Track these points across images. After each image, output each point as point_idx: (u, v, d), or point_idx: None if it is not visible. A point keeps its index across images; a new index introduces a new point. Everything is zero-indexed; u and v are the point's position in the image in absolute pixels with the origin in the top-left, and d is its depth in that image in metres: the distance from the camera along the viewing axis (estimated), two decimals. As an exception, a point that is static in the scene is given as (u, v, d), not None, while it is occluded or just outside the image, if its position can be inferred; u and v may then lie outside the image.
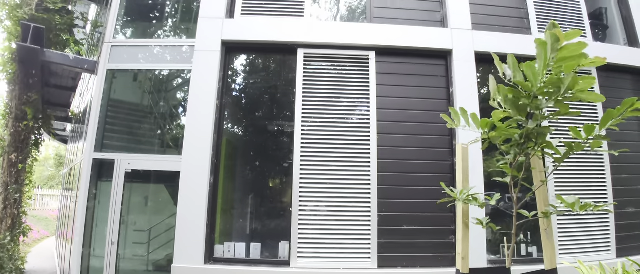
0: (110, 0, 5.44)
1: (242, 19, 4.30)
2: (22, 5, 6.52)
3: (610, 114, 1.70)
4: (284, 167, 4.18)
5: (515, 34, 4.62)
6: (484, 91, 4.68)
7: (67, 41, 7.35)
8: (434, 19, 4.53)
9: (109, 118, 4.93)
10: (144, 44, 5.01)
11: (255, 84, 4.50)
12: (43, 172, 20.70)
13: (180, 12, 5.69)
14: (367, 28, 4.30)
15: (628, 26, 5.30)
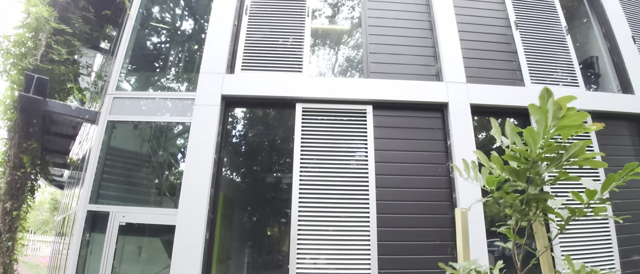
0: (117, 51, 5.61)
1: (242, 74, 4.41)
2: (27, 55, 6.69)
3: (611, 179, 1.69)
4: (281, 221, 4.10)
5: (509, 86, 4.73)
6: (481, 135, 4.73)
7: (71, 89, 7.49)
8: (429, 73, 4.65)
9: (107, 168, 4.90)
10: (145, 96, 5.10)
11: (254, 137, 4.53)
12: (37, 216, 20.30)
13: (184, 62, 5.85)
14: (364, 83, 4.40)
15: (620, 73, 5.41)
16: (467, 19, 4.99)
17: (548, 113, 1.67)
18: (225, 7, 4.71)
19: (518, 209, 1.98)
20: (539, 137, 1.70)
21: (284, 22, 4.73)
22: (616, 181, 1.70)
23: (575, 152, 1.66)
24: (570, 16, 6.06)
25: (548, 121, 1.68)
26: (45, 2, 6.02)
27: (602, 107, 4.84)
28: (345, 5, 5.41)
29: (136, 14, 5.63)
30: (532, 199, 1.91)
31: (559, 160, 1.71)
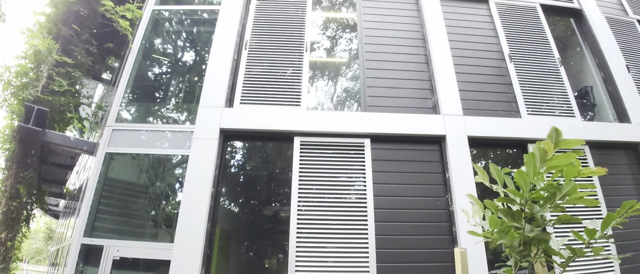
0: (118, 83, 5.68)
1: (241, 108, 4.44)
2: (28, 86, 6.76)
3: (610, 218, 1.68)
4: (279, 255, 4.02)
5: (506, 118, 4.76)
6: (481, 162, 4.71)
7: (71, 118, 7.52)
8: (426, 105, 4.69)
9: (103, 199, 4.87)
10: (144, 128, 5.12)
11: (251, 171, 4.51)
12: (31, 245, 19.93)
13: (184, 92, 5.92)
14: (362, 116, 4.44)
15: (616, 102, 5.44)
16: (461, 52, 5.09)
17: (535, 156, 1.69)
18: (225, 42, 4.82)
19: (516, 250, 1.95)
20: (528, 179, 1.71)
21: (282, 57, 4.82)
22: (615, 219, 1.69)
23: (568, 191, 1.66)
24: (563, 46, 6.19)
25: (536, 163, 1.69)
26: (49, 35, 6.14)
27: (599, 136, 4.85)
28: (343, 37, 5.53)
29: (138, 46, 5.74)
30: (532, 240, 1.89)
31: (552, 199, 1.70)
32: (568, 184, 1.66)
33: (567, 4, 6.14)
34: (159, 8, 5.96)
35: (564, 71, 5.28)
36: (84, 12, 6.18)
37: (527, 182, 1.72)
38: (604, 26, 5.97)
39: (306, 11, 5.26)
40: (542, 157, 1.69)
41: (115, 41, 6.50)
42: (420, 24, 5.32)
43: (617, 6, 6.56)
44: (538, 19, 5.67)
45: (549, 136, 1.68)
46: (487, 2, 5.73)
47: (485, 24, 5.50)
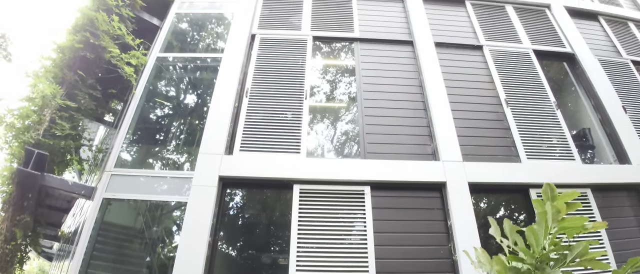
0: (119, 126, 5.73)
1: (241, 155, 4.45)
2: (30, 129, 6.80)
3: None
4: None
5: (506, 163, 4.75)
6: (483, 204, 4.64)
7: (71, 160, 7.51)
8: (425, 152, 4.71)
9: (98, 244, 4.77)
10: (143, 174, 5.11)
11: (250, 218, 4.45)
12: (22, 286, 19.23)
13: (185, 134, 5.95)
14: (361, 164, 4.43)
15: (614, 143, 5.41)
16: (459, 98, 5.17)
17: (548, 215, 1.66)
18: (226, 90, 4.91)
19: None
20: (541, 238, 1.67)
21: (283, 104, 4.90)
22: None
23: (580, 252, 1.62)
24: (557, 87, 6.30)
25: (549, 223, 1.66)
26: (54, 80, 6.25)
27: (599, 179, 4.81)
28: (342, 81, 5.65)
29: (141, 92, 5.84)
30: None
31: (564, 261, 1.66)
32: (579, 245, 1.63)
33: (560, 49, 6.31)
34: (164, 55, 6.13)
35: (561, 114, 5.32)
36: (90, 57, 6.33)
37: (538, 242, 1.68)
38: (597, 68, 6.08)
39: (306, 59, 5.42)
40: (554, 217, 1.67)
41: (119, 86, 6.62)
42: (418, 71, 5.45)
43: (610, 48, 6.72)
44: (532, 64, 5.81)
45: (543, 191, 1.67)
46: (481, 49, 5.91)
47: (480, 70, 5.63)
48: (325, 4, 6.40)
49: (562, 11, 6.86)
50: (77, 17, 6.06)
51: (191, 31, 6.95)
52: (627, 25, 7.26)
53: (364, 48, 5.72)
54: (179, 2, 6.73)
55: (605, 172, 5.01)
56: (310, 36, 5.73)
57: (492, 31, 6.27)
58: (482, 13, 6.58)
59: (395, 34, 5.99)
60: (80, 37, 5.90)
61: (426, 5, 6.41)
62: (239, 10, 6.04)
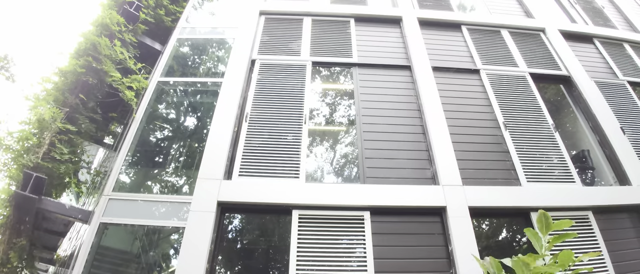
0: (119, 149, 5.73)
1: (239, 180, 4.44)
2: (29, 152, 6.79)
3: None
4: None
5: (506, 187, 4.73)
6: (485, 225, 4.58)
7: (69, 183, 7.48)
8: (425, 176, 4.69)
9: (93, 269, 4.69)
10: (141, 198, 5.08)
11: (248, 244, 4.40)
12: (15, 311, 18.82)
13: (185, 157, 5.95)
14: (361, 189, 4.42)
15: (614, 165, 5.39)
16: (457, 122, 5.20)
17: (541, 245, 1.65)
18: (226, 115, 4.94)
19: None
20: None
21: (282, 129, 4.92)
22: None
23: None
24: (555, 108, 6.32)
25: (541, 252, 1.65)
26: (54, 103, 6.28)
27: (600, 201, 4.78)
28: (341, 104, 5.68)
29: (141, 116, 5.87)
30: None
31: None
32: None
33: (556, 72, 6.38)
34: (165, 79, 6.19)
35: (559, 136, 5.33)
36: (92, 81, 6.40)
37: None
38: (594, 90, 6.12)
39: (305, 83, 5.47)
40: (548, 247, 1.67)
41: (119, 109, 6.66)
42: (416, 95, 5.50)
43: (606, 69, 6.79)
44: (528, 87, 5.87)
45: (538, 220, 1.67)
46: (478, 73, 5.98)
47: (478, 93, 5.68)
48: (324, 30, 6.52)
49: (557, 35, 6.98)
50: (80, 42, 6.15)
51: (192, 55, 7.05)
52: (622, 46, 7.35)
53: (363, 73, 5.79)
54: (181, 28, 6.87)
55: (605, 194, 4.98)
56: (310, 61, 5.81)
57: (488, 55, 6.36)
58: (478, 37, 6.70)
59: (393, 59, 6.07)
60: (82, 61, 5.98)
61: (423, 31, 6.53)
62: (240, 36, 6.15)
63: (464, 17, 7.14)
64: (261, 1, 6.88)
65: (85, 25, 6.43)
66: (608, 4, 8.80)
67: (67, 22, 29.12)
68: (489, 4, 7.73)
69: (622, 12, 8.60)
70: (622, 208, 4.91)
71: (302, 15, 6.68)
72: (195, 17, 7.52)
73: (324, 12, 6.79)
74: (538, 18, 7.34)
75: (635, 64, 6.98)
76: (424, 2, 7.39)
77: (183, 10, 7.32)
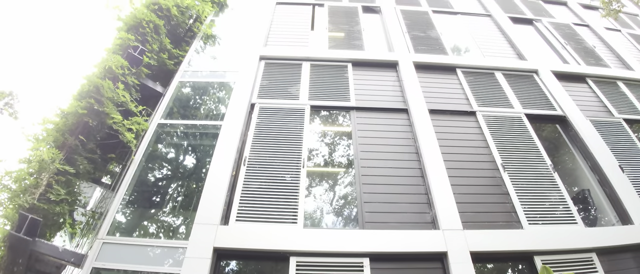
0: (116, 190, 5.69)
1: (236, 225, 4.38)
2: (26, 192, 6.73)
3: None
4: None
5: (507, 230, 4.65)
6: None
7: (63, 223, 7.36)
8: (424, 220, 4.64)
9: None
10: (136, 243, 5.00)
11: (245, 293, 4.26)
12: None
13: (182, 197, 5.89)
14: (360, 234, 4.34)
15: (616, 204, 5.33)
16: (455, 164, 5.20)
17: None
18: (224, 159, 4.96)
19: None
20: None
21: (279, 173, 4.91)
22: None
23: None
24: (553, 147, 6.34)
25: None
26: (54, 144, 6.31)
27: (604, 242, 4.70)
28: (338, 150, 5.70)
29: (140, 158, 5.88)
30: None
31: None
32: None
33: (551, 112, 6.47)
34: (165, 122, 6.26)
35: (558, 176, 5.31)
36: (93, 123, 6.46)
37: None
38: (590, 130, 6.17)
39: (304, 127, 5.52)
40: None
41: (118, 150, 6.68)
42: (413, 138, 5.54)
43: (601, 108, 6.87)
44: (525, 128, 5.93)
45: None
46: (474, 115, 6.07)
47: (475, 135, 5.73)
48: (322, 74, 6.67)
49: (550, 76, 7.14)
50: (84, 84, 6.26)
51: (194, 95, 7.17)
52: (616, 84, 7.48)
53: (360, 116, 5.87)
54: (182, 71, 7.04)
55: (608, 234, 4.89)
56: (308, 105, 5.90)
57: (484, 97, 6.48)
58: (473, 80, 6.85)
59: (390, 102, 6.17)
60: (84, 103, 6.06)
61: (419, 74, 6.69)
62: (240, 80, 6.28)
63: (458, 60, 7.33)
64: (261, 46, 7.11)
65: (89, 67, 6.59)
66: (599, 43, 9.05)
67: (73, 63, 29.95)
68: (482, 47, 7.97)
69: (613, 50, 8.79)
70: (625, 248, 4.82)
71: (301, 60, 6.86)
72: (197, 60, 7.73)
73: (322, 57, 6.99)
74: (530, 60, 7.54)
75: (630, 101, 7.07)
76: (419, 46, 7.63)
77: (185, 54, 7.53)
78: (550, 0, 10.85)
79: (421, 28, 8.31)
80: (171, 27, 7.84)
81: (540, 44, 8.75)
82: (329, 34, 7.78)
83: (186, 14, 8.21)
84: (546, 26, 9.28)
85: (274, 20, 8.22)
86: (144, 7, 7.22)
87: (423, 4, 9.42)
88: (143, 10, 7.08)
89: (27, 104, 28.08)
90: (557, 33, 8.98)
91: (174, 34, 8.02)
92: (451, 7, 9.56)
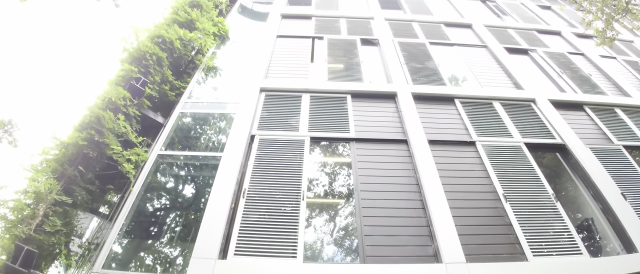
0: (114, 220, 5.62)
1: (235, 259, 4.28)
2: (23, 223, 6.64)
3: None
4: None
5: (512, 262, 4.54)
6: None
7: (59, 253, 7.21)
8: (426, 253, 4.54)
9: None
10: (132, 277, 4.88)
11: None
12: None
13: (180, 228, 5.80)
14: (360, 270, 4.24)
15: (620, 233, 5.22)
16: (456, 195, 5.15)
17: None
18: (223, 191, 4.92)
19: None
20: None
21: (279, 206, 4.86)
22: None
23: None
24: (555, 174, 6.28)
25: None
26: (52, 174, 6.28)
27: (610, 273, 4.58)
28: (338, 181, 5.67)
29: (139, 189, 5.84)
30: None
31: None
32: None
33: (550, 141, 6.48)
34: (165, 153, 6.27)
35: (561, 206, 5.24)
36: (93, 155, 6.46)
37: None
38: (590, 157, 6.15)
39: (303, 159, 5.50)
40: None
41: (117, 181, 6.65)
42: (414, 169, 5.52)
43: (600, 135, 6.87)
44: (525, 157, 5.91)
45: None
46: (474, 145, 6.07)
47: (475, 165, 5.71)
48: (322, 106, 6.71)
49: (547, 104, 7.21)
50: (85, 114, 6.32)
51: (194, 125, 7.23)
52: (613, 111, 7.50)
53: (360, 147, 5.86)
54: (183, 102, 7.12)
55: (614, 265, 4.78)
56: (308, 137, 5.90)
57: (482, 127, 6.50)
58: (472, 110, 6.90)
59: (389, 133, 6.18)
60: (85, 134, 6.10)
61: (418, 105, 6.75)
62: (240, 112, 6.32)
63: (456, 90, 7.41)
64: (262, 78, 7.21)
65: (92, 98, 6.67)
66: (594, 71, 9.15)
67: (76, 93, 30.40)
68: (480, 78, 8.09)
69: (609, 77, 8.86)
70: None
71: (301, 92, 6.93)
72: (198, 91, 7.84)
73: (322, 89, 7.06)
74: (527, 89, 7.64)
75: (629, 128, 7.07)
76: (417, 77, 7.73)
77: (187, 85, 7.66)
78: (544, 31, 11.09)
79: (419, 59, 8.45)
80: (174, 59, 8.01)
81: (536, 73, 8.88)
82: (328, 66, 7.89)
83: (189, 47, 8.41)
84: (541, 56, 9.44)
85: (274, 52, 8.37)
86: (148, 40, 7.40)
87: (420, 36, 9.63)
88: (147, 43, 7.25)
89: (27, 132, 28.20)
90: (552, 62, 9.13)
91: (176, 65, 8.18)
92: (448, 38, 9.77)
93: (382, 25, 9.82)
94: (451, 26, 10.57)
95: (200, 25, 8.88)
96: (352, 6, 11.37)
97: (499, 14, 12.38)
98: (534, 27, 11.14)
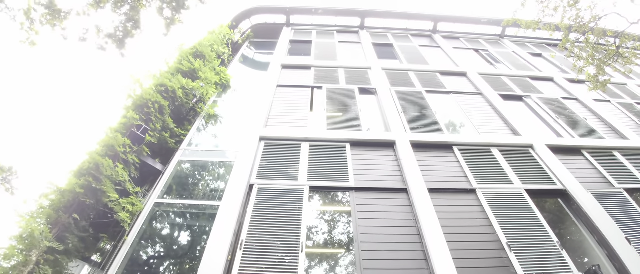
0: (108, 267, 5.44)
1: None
2: (15, 271, 6.40)
3: None
4: None
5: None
6: None
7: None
8: (430, 308, 4.35)
9: None
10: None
11: None
12: None
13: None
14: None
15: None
16: (459, 245, 5.03)
17: None
18: (220, 242, 4.80)
19: None
20: None
21: (277, 258, 4.73)
22: None
23: None
24: (558, 220, 6.15)
25: None
26: (47, 220, 6.15)
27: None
28: (338, 230, 5.54)
29: (133, 238, 5.71)
30: None
31: None
32: None
33: (551, 187, 6.42)
34: (162, 201, 6.20)
35: (567, 254, 5.09)
36: (89, 202, 6.38)
37: None
38: (592, 202, 6.06)
39: (302, 209, 5.42)
40: None
41: (111, 229, 6.52)
42: (415, 219, 5.42)
43: (600, 179, 6.82)
44: (527, 204, 5.84)
45: None
46: (474, 193, 6.02)
47: (477, 213, 5.62)
48: (321, 155, 6.72)
49: (545, 150, 7.23)
50: (84, 161, 6.32)
51: (193, 172, 7.20)
52: (612, 154, 7.51)
53: (360, 197, 5.79)
54: (183, 150, 7.15)
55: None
56: (307, 186, 5.85)
57: (482, 174, 6.48)
58: (470, 157, 6.92)
59: (389, 182, 6.13)
60: (83, 181, 6.07)
61: (416, 153, 6.77)
62: (239, 161, 6.30)
63: (455, 138, 7.45)
64: (262, 127, 7.28)
65: (92, 144, 6.72)
66: (590, 115, 9.25)
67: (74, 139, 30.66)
68: (477, 125, 8.19)
69: (605, 121, 8.94)
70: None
71: (301, 141, 6.96)
72: (198, 137, 7.91)
73: (321, 137, 7.10)
74: (524, 135, 7.71)
75: (628, 170, 7.04)
76: (415, 125, 7.82)
77: (187, 133, 7.74)
78: (537, 77, 11.39)
79: (416, 107, 8.60)
80: (175, 107, 8.17)
81: (532, 119, 9.00)
82: (327, 115, 8.00)
83: (190, 95, 8.61)
84: (536, 101, 9.62)
85: (274, 101, 8.52)
86: (151, 89, 7.60)
87: (417, 85, 9.86)
88: (150, 92, 7.44)
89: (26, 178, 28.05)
90: (547, 108, 9.29)
91: (177, 113, 8.33)
92: (443, 87, 10.01)
93: (379, 75, 10.09)
94: (446, 75, 10.87)
95: (202, 75, 9.16)
96: (350, 57, 11.80)
97: (492, 62, 12.80)
98: (527, 74, 11.47)
